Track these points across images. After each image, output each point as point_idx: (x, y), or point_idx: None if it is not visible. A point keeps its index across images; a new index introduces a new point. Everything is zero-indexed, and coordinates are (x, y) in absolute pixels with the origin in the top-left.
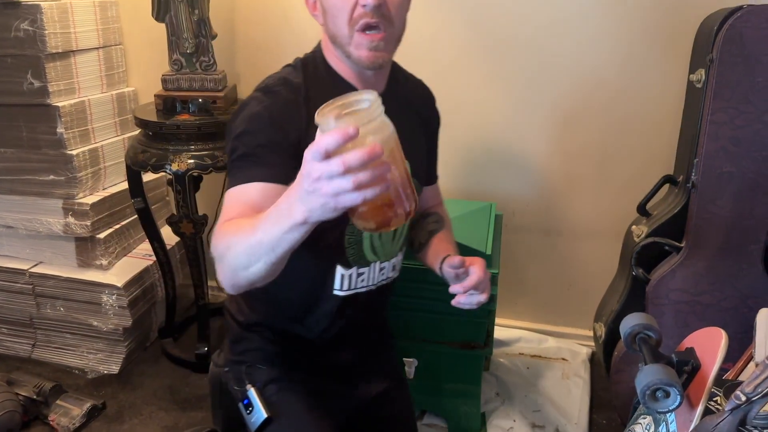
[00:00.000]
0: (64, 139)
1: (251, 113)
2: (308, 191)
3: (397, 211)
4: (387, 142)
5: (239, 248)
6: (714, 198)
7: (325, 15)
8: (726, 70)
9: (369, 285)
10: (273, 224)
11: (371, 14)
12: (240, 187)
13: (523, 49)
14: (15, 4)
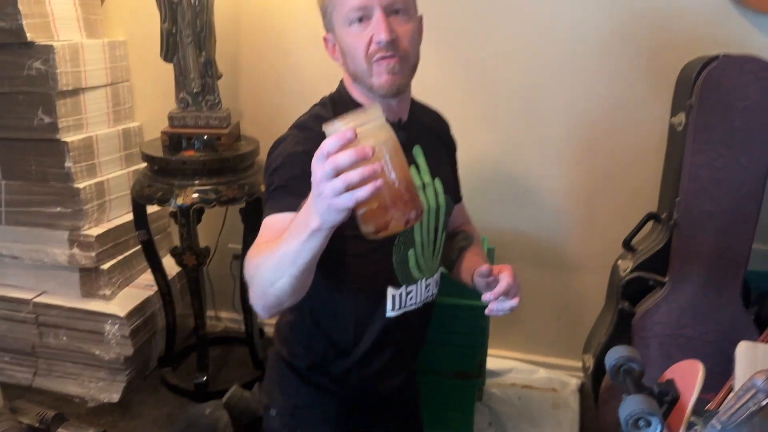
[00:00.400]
0: (71, 173)
1: (287, 150)
2: (316, 195)
3: (395, 215)
4: (385, 144)
5: (266, 266)
6: (695, 235)
7: (344, 56)
8: (704, 115)
9: (417, 303)
10: (294, 236)
11: (385, 49)
12: (273, 216)
13: (515, 91)
14: (29, 45)
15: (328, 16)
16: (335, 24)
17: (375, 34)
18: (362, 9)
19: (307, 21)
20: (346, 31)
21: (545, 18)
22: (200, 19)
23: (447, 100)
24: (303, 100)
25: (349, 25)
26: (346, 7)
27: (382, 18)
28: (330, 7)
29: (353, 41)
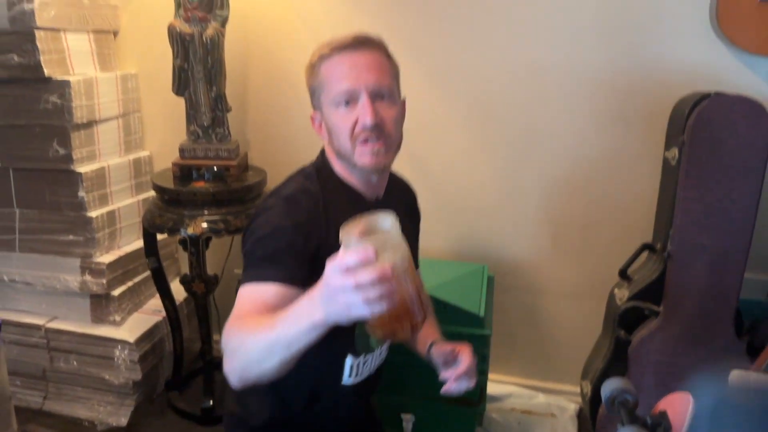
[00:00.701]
0: (84, 202)
1: (275, 221)
2: (327, 297)
3: (404, 325)
4: (401, 261)
5: (256, 344)
6: (688, 267)
7: (330, 134)
8: (696, 151)
9: (372, 369)
10: (292, 323)
11: (370, 132)
12: (256, 285)
13: (514, 125)
14: (45, 80)
15: (316, 96)
16: (323, 104)
17: (361, 117)
18: (350, 93)
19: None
20: (333, 111)
21: (543, 57)
22: (211, 56)
23: (449, 134)
24: (307, 132)
25: (336, 107)
26: (334, 91)
27: (368, 103)
28: (319, 89)
29: (340, 122)
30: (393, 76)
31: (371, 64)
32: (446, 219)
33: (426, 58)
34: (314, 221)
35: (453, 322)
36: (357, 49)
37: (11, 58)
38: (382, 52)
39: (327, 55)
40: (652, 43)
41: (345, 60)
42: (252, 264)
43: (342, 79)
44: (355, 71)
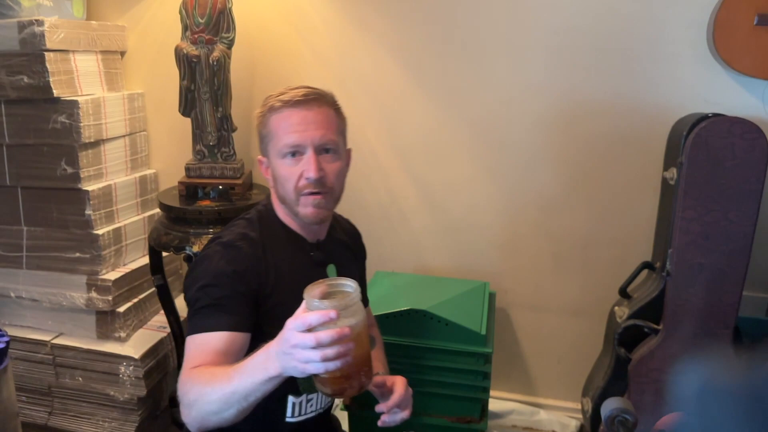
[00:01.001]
0: (91, 220)
1: (216, 268)
2: (284, 353)
3: (353, 384)
4: (357, 326)
5: (213, 397)
6: (687, 286)
7: (275, 181)
8: (694, 172)
9: (317, 409)
10: (248, 376)
11: (313, 185)
12: (204, 335)
13: (514, 145)
14: (54, 100)
15: (264, 144)
16: (270, 152)
17: (305, 170)
18: (296, 147)
19: (316, 78)
20: (279, 162)
21: (542, 80)
22: (217, 77)
23: (451, 154)
24: None
25: (282, 158)
26: (282, 143)
27: (313, 157)
28: (267, 138)
29: (285, 173)
30: (339, 132)
31: (319, 120)
32: (448, 237)
33: (428, 80)
34: (254, 266)
35: (454, 339)
36: (306, 105)
37: (21, 79)
38: (331, 108)
39: (278, 108)
40: (650, 65)
41: (294, 115)
42: (197, 313)
43: (290, 133)
44: (302, 126)
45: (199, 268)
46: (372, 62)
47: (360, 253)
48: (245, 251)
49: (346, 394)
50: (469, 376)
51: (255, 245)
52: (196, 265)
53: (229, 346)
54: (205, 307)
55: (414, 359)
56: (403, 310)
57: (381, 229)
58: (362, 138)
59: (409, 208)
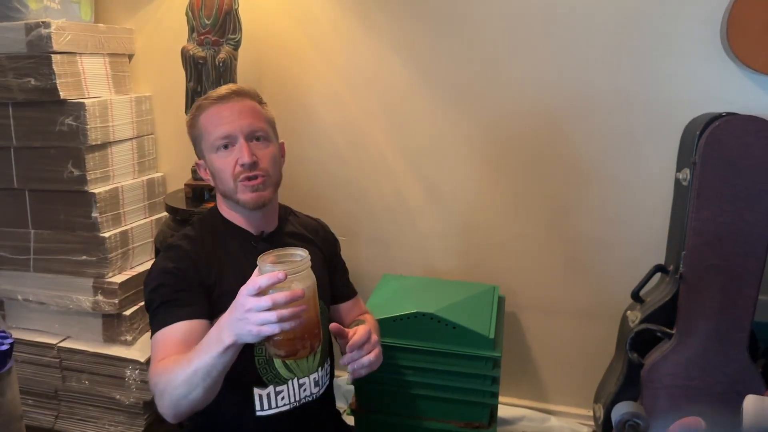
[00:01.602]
0: (98, 222)
1: (160, 269)
2: (238, 319)
3: (305, 344)
4: (308, 288)
5: (177, 381)
6: (701, 289)
7: (214, 178)
8: (708, 172)
9: (292, 402)
10: (205, 352)
11: (248, 170)
12: (164, 329)
13: (524, 145)
14: (61, 102)
15: (198, 145)
16: (204, 151)
17: (239, 157)
18: (227, 137)
19: (323, 79)
20: (214, 156)
21: (553, 78)
22: (224, 78)
23: (459, 154)
24: (319, 150)
25: (216, 151)
26: (212, 137)
27: (244, 144)
28: (199, 137)
29: (221, 164)
30: (267, 121)
31: (245, 111)
32: (457, 238)
33: (435, 79)
34: (195, 260)
35: (463, 343)
36: (231, 99)
37: (28, 82)
38: (256, 101)
39: (205, 106)
40: (663, 63)
41: (221, 109)
42: (154, 314)
43: (219, 126)
44: (230, 117)
45: (149, 275)
46: (379, 61)
47: (326, 243)
48: (184, 248)
49: (299, 355)
50: (478, 380)
51: (194, 242)
52: (148, 271)
53: (187, 335)
54: (159, 307)
55: (421, 363)
56: (410, 313)
57: (388, 232)
58: (369, 138)
59: (416, 210)
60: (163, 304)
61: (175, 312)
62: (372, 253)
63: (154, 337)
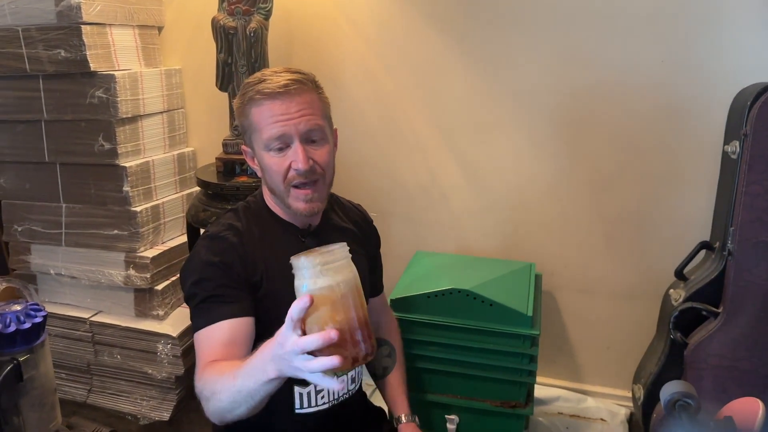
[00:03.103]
0: (129, 196)
1: (204, 261)
2: (279, 356)
3: (352, 354)
4: (346, 282)
5: (223, 396)
6: (750, 266)
7: (263, 171)
8: (759, 144)
9: (331, 401)
10: (249, 378)
11: (303, 177)
12: (209, 328)
13: (563, 120)
14: (91, 74)
15: (248, 135)
16: (254, 144)
17: (293, 162)
18: (281, 138)
19: (356, 51)
20: (265, 154)
21: (595, 49)
22: (254, 49)
23: (497, 131)
24: (351, 126)
25: (268, 151)
26: (266, 136)
27: (300, 149)
28: (250, 130)
29: (273, 165)
30: (324, 115)
31: (302, 109)
32: (493, 216)
33: (470, 51)
34: (241, 256)
35: (500, 321)
36: (287, 95)
37: (59, 53)
38: (313, 91)
39: (258, 100)
40: (711, 31)
41: (276, 107)
42: (197, 309)
43: (273, 125)
44: (286, 117)
45: (189, 265)
46: (411, 32)
47: (370, 239)
48: (230, 241)
49: (342, 367)
50: (515, 359)
51: (240, 235)
52: (186, 262)
53: (234, 334)
54: (203, 302)
55: (456, 341)
56: (445, 290)
57: (421, 209)
58: (401, 113)
59: (450, 187)
60: (207, 299)
61: (220, 309)
62: (404, 230)
63: (199, 334)
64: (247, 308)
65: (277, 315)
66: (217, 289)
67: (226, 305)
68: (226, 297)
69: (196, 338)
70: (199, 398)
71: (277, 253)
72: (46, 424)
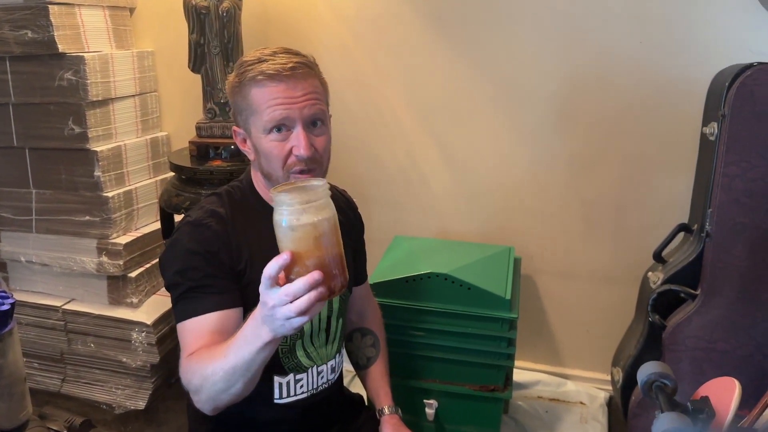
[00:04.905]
0: (100, 181)
1: (187, 249)
2: (267, 315)
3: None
4: (328, 220)
5: (216, 377)
6: (728, 248)
7: (258, 155)
8: (737, 125)
9: (310, 390)
10: (244, 348)
11: (304, 163)
12: (195, 319)
13: (541, 101)
14: (60, 56)
15: (243, 116)
16: (251, 127)
17: (295, 148)
18: (284, 121)
19: (334, 33)
20: (263, 137)
21: (573, 30)
22: (227, 29)
23: (474, 112)
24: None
25: (267, 133)
26: (267, 118)
27: (303, 135)
28: (247, 111)
29: (272, 149)
30: (325, 100)
31: (308, 93)
32: (471, 200)
33: (450, 33)
34: (225, 243)
35: (478, 304)
36: (293, 78)
37: (25, 34)
38: (314, 75)
39: (260, 81)
40: (689, 11)
41: (280, 90)
42: (182, 298)
43: (276, 107)
44: (290, 101)
45: (172, 252)
46: (390, 12)
47: (355, 225)
48: (214, 229)
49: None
50: (493, 342)
51: (224, 222)
52: (167, 248)
53: (222, 325)
54: (188, 291)
55: (435, 325)
56: (423, 274)
57: (400, 193)
58: (380, 96)
59: (429, 170)
60: (191, 290)
61: (205, 300)
62: (383, 215)
63: (183, 325)
64: (236, 298)
65: None
66: (204, 279)
67: (215, 296)
68: (211, 288)
69: (181, 328)
70: (187, 389)
71: (263, 240)
72: (15, 414)
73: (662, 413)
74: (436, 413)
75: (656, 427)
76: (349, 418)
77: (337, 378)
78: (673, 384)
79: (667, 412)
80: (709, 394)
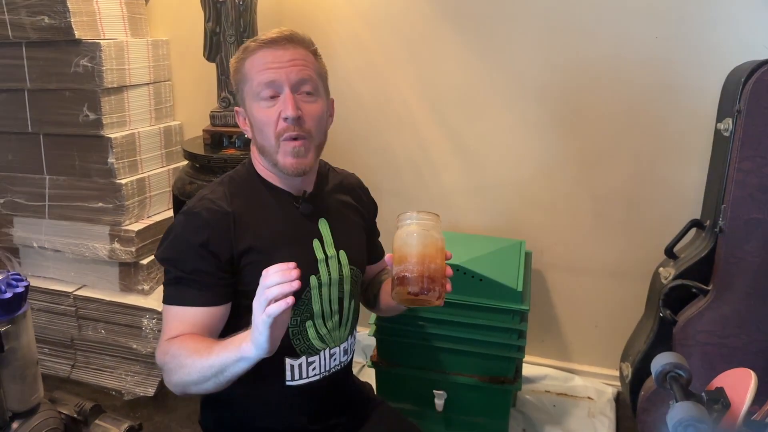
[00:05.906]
0: (114, 168)
1: (179, 239)
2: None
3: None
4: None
5: (189, 369)
6: (741, 243)
7: (253, 129)
8: (753, 121)
9: (321, 373)
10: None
11: (293, 126)
12: (180, 308)
13: (555, 96)
14: (76, 42)
15: (240, 91)
16: (246, 98)
17: (282, 110)
18: (271, 84)
19: (348, 20)
20: (256, 105)
21: (588, 24)
22: (243, 18)
23: (487, 107)
24: (341, 97)
25: (258, 101)
26: (255, 82)
27: (289, 96)
28: (242, 83)
29: (263, 116)
30: (318, 74)
31: (295, 59)
32: (483, 194)
33: (463, 25)
34: (220, 231)
35: (489, 296)
36: (282, 44)
37: (42, 20)
38: (308, 50)
39: (252, 49)
40: (705, 7)
41: (269, 54)
42: (171, 283)
43: (264, 71)
44: (277, 64)
45: (165, 238)
46: (404, 5)
47: (367, 207)
48: (204, 217)
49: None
50: (504, 334)
51: (219, 209)
52: (164, 234)
53: (206, 320)
54: (178, 278)
55: (446, 315)
56: None
57: (411, 185)
58: (393, 87)
59: (441, 163)
60: (181, 280)
61: (195, 294)
62: (393, 207)
63: (168, 308)
64: (222, 294)
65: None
66: (193, 274)
67: (203, 291)
68: (202, 283)
69: (167, 310)
70: (161, 368)
71: (269, 220)
72: (27, 396)
73: (677, 402)
74: (445, 404)
75: (671, 416)
76: (359, 406)
77: (349, 360)
78: (687, 375)
79: (683, 401)
80: (724, 385)
